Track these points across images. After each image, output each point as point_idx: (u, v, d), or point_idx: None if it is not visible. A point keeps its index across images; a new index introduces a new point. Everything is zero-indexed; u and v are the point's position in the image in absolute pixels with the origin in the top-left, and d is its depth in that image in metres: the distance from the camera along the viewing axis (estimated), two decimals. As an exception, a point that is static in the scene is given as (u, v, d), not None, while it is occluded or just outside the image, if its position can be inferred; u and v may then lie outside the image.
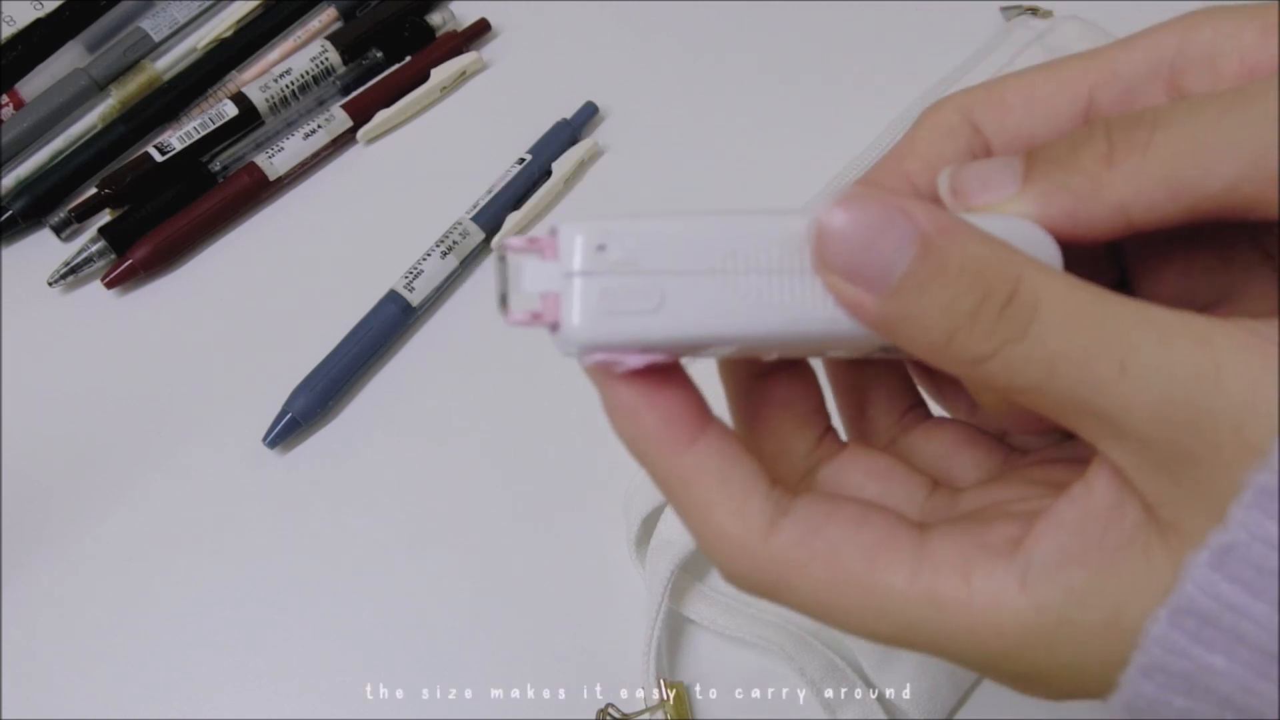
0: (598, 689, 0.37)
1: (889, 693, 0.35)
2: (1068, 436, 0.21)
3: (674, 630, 0.38)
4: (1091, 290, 0.16)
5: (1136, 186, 0.17)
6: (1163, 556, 0.16)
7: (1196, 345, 0.15)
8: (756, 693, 0.37)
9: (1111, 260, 0.22)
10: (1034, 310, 0.16)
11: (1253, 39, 0.18)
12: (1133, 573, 0.16)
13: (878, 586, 0.17)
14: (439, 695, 0.37)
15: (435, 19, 0.53)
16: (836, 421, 0.23)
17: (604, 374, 0.17)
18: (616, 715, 0.36)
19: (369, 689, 0.37)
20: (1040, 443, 0.22)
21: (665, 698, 0.36)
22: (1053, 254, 0.18)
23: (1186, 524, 0.15)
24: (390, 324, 0.44)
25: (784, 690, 0.37)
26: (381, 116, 0.50)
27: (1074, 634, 0.16)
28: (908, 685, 0.35)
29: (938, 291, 0.16)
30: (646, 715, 0.36)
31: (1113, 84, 0.20)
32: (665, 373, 0.18)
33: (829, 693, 0.36)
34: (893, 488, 0.21)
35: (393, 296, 0.44)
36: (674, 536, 0.36)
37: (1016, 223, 0.18)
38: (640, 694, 0.36)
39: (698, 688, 0.37)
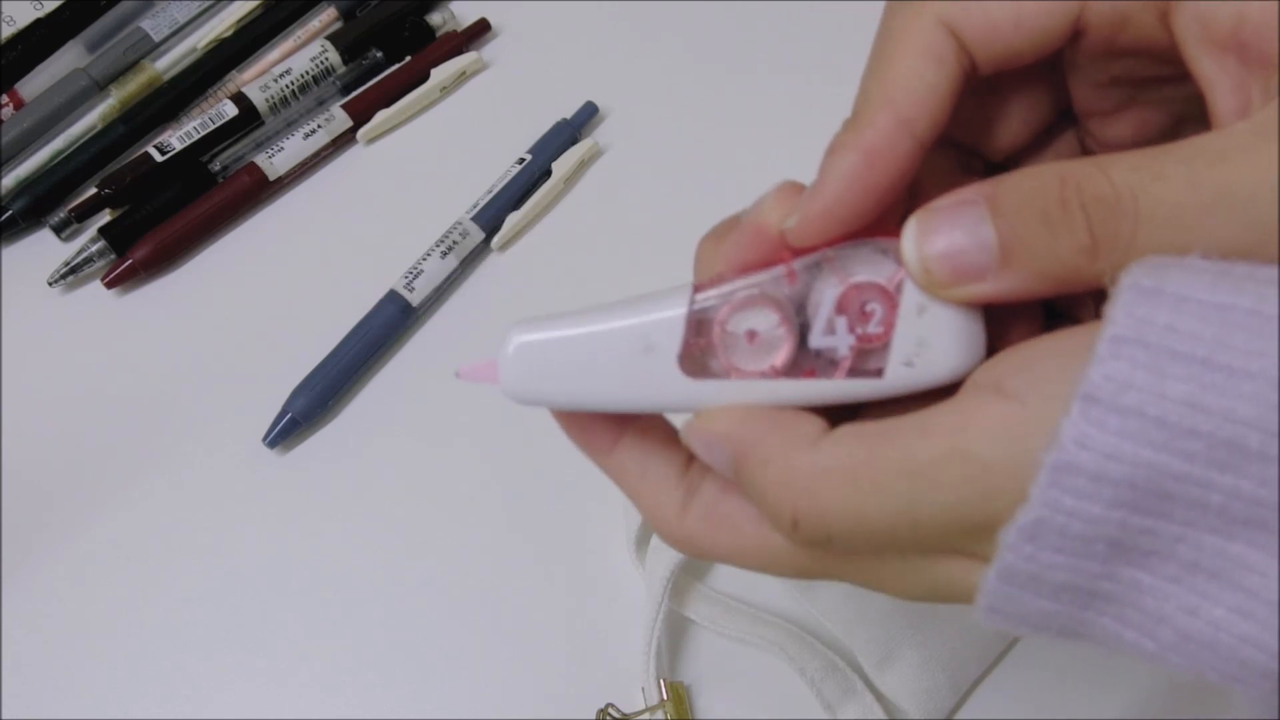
0: (598, 689, 0.37)
1: (889, 693, 0.35)
2: None
3: (674, 630, 0.38)
4: (871, 464, 0.19)
5: (1115, 272, 0.18)
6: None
7: (962, 467, 0.18)
8: (756, 693, 0.37)
9: (1053, 92, 0.24)
10: (827, 530, 0.19)
11: (1258, 10, 0.18)
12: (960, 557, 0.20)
13: (769, 542, 0.21)
14: (438, 695, 0.37)
15: (435, 19, 0.53)
16: None
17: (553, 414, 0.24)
18: (616, 715, 0.36)
19: (368, 689, 0.37)
20: None
21: (665, 698, 0.36)
22: (978, 342, 0.21)
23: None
24: (390, 324, 0.44)
25: (784, 690, 0.37)
26: (381, 116, 0.50)
27: (920, 580, 0.20)
28: (908, 685, 0.35)
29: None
30: (646, 715, 0.36)
31: (1104, 6, 0.20)
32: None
33: (829, 693, 0.36)
34: None
35: (393, 296, 0.44)
36: (674, 536, 0.36)
37: (957, 324, 0.20)
38: (640, 694, 0.36)
39: (698, 688, 0.37)
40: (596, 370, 0.21)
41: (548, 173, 0.48)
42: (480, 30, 0.53)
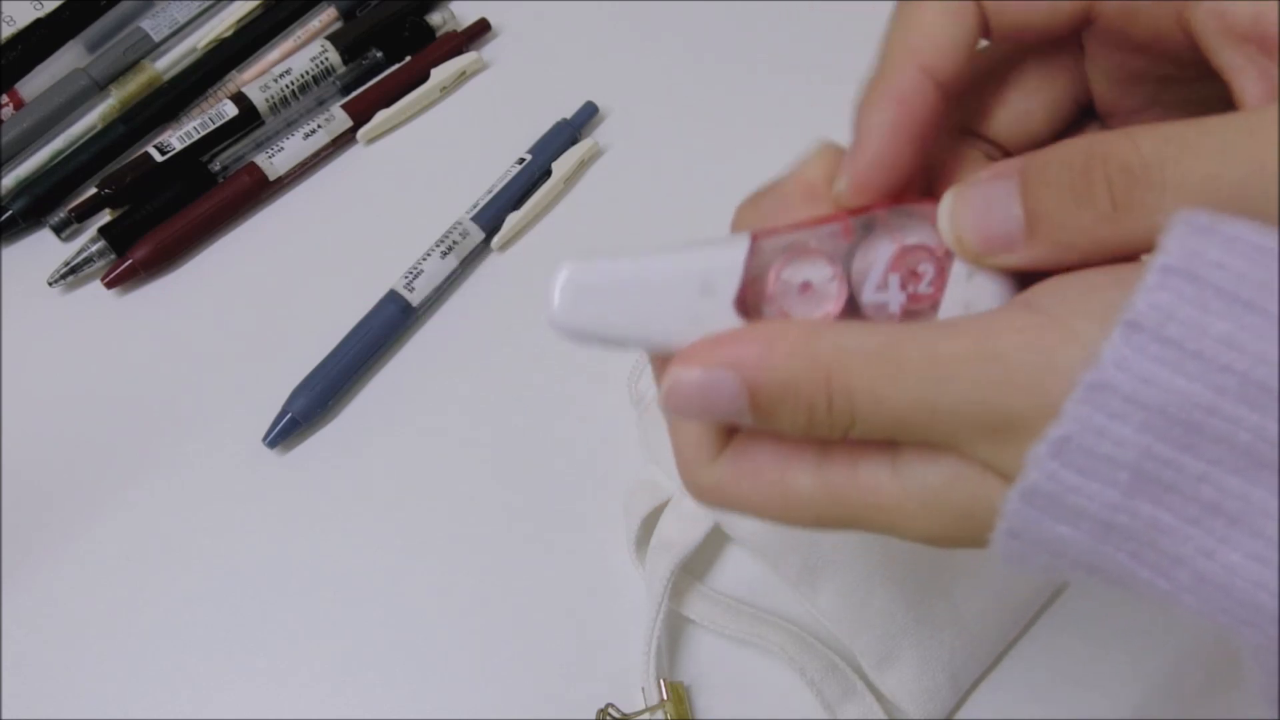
0: (598, 689, 0.37)
1: (889, 693, 0.35)
2: None
3: (674, 630, 0.38)
4: (894, 349, 0.19)
5: (1140, 240, 0.19)
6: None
7: (986, 365, 0.18)
8: (756, 693, 0.37)
9: (1075, 86, 0.24)
10: (851, 403, 0.19)
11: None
12: (978, 477, 0.19)
13: (789, 486, 0.21)
14: (438, 694, 0.37)
15: (435, 19, 0.53)
16: None
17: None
18: (616, 715, 0.36)
19: (368, 689, 0.37)
20: None
21: (665, 698, 0.36)
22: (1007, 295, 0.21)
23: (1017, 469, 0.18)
24: (390, 324, 0.44)
25: (784, 690, 0.37)
26: (381, 116, 0.50)
27: (938, 511, 0.20)
28: (908, 685, 0.35)
29: (780, 418, 0.20)
30: (646, 715, 0.36)
31: None
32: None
33: (829, 693, 0.36)
34: None
35: (393, 296, 0.44)
36: (674, 537, 0.36)
37: (1003, 290, 0.21)
38: (640, 694, 0.36)
39: (698, 688, 0.37)
40: (650, 306, 0.21)
41: (548, 173, 0.48)
42: (480, 30, 0.53)
